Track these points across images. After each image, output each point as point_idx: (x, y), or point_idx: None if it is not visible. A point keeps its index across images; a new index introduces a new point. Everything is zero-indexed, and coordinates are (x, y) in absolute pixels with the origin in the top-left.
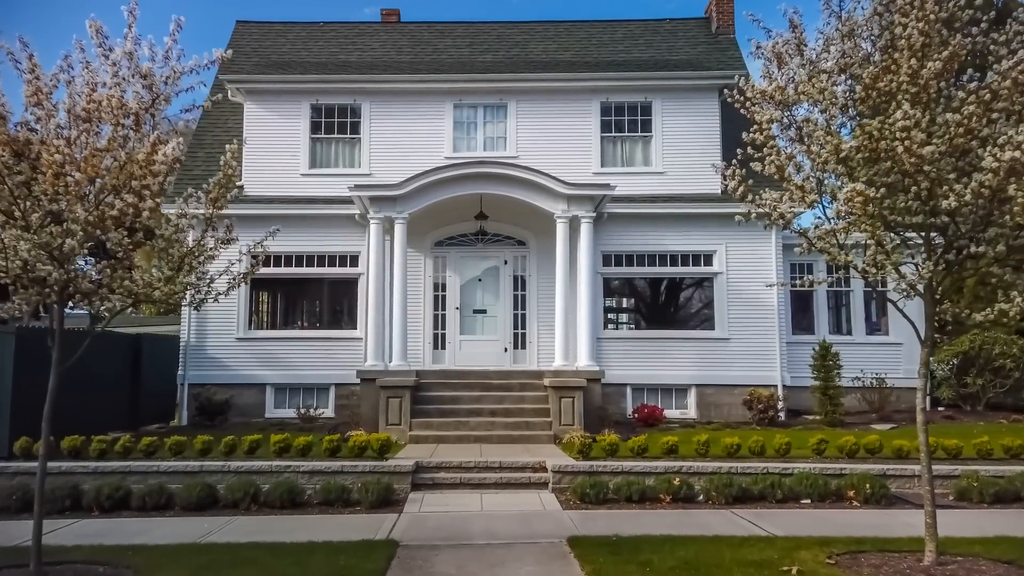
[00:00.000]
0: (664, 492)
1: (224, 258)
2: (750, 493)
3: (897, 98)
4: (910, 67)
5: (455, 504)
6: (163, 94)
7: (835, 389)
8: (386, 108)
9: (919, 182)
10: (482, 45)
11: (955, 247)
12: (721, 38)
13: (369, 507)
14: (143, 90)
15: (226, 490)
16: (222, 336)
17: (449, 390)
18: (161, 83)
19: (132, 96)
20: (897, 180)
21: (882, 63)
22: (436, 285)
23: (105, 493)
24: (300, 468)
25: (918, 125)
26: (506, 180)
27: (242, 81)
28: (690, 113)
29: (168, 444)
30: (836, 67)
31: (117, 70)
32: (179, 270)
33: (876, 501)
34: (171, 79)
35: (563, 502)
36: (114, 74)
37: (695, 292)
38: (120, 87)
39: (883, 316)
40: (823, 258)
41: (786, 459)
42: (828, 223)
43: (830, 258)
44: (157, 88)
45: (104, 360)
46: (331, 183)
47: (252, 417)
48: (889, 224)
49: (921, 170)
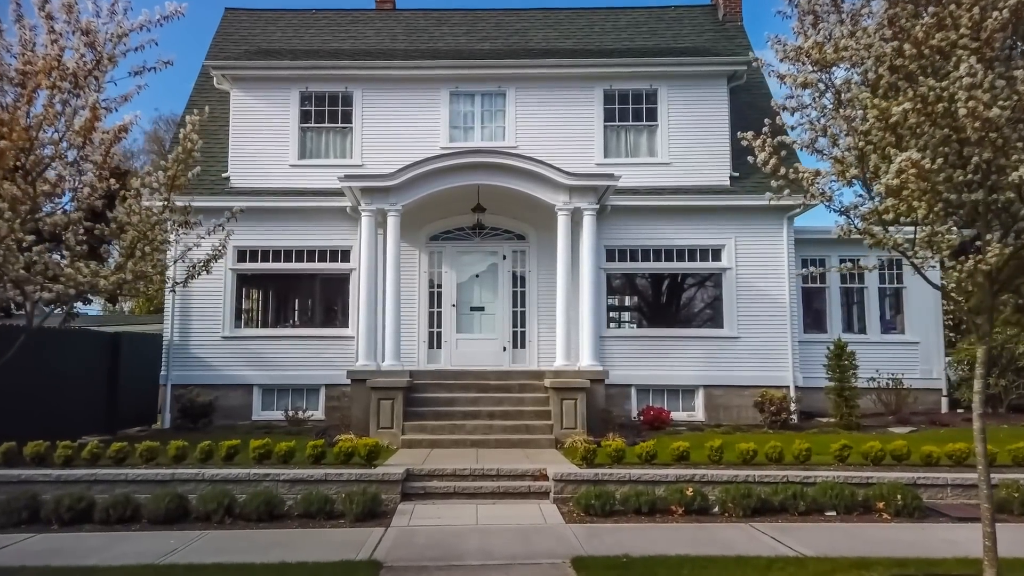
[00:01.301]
0: (676, 503)
1: (201, 248)
2: (770, 504)
3: (958, 54)
4: (971, 17)
5: (448, 516)
6: (108, 54)
7: (851, 390)
8: (379, 96)
9: (981, 152)
10: (480, 33)
11: (1015, 229)
12: (728, 25)
13: (354, 520)
14: (85, 49)
15: (198, 501)
16: (207, 334)
17: (444, 391)
18: (106, 41)
19: (73, 57)
20: (954, 151)
21: (936, 16)
22: (431, 281)
23: (66, 504)
24: (280, 477)
25: (981, 85)
26: (505, 170)
27: (228, 68)
28: (697, 101)
29: (139, 450)
30: (884, 19)
31: (52, 24)
32: (130, 257)
33: (908, 514)
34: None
35: (565, 514)
36: (49, 29)
37: (703, 288)
38: (58, 44)
39: (898, 314)
40: (835, 254)
41: (806, 466)
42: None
43: (874, 242)
44: (101, 47)
45: (78, 359)
46: (321, 174)
47: (238, 419)
48: (947, 203)
49: (986, 137)
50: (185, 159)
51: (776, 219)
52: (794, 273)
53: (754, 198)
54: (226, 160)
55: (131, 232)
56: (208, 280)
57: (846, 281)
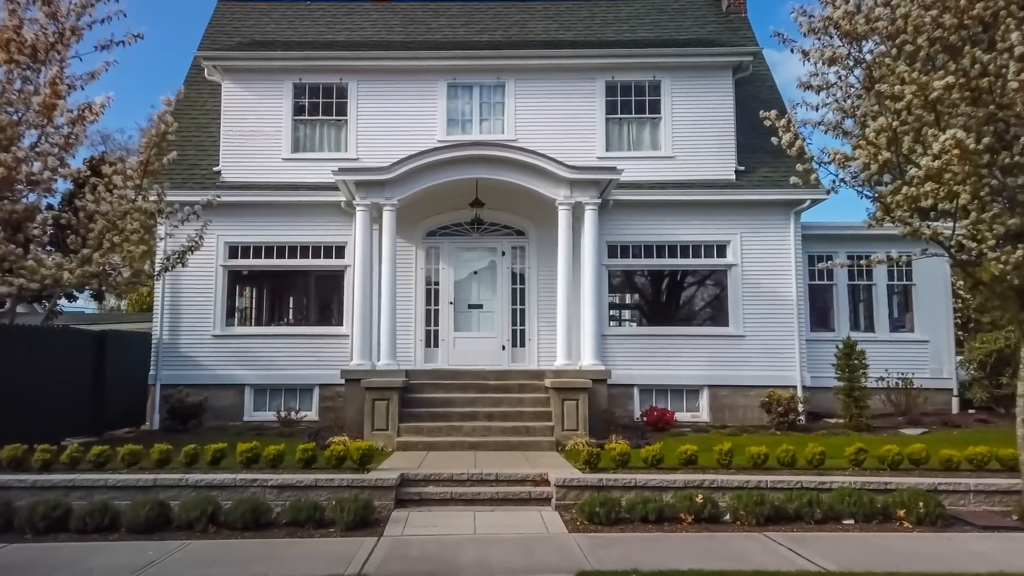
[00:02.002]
0: (685, 511)
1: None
2: (784, 512)
3: (1004, 23)
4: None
5: (444, 525)
6: (71, 26)
7: (861, 390)
8: (375, 88)
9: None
10: (478, 24)
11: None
12: (732, 17)
13: (344, 529)
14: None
15: (181, 509)
16: (197, 333)
17: (442, 391)
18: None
19: (33, 30)
20: (1000, 129)
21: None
22: (428, 278)
23: (40, 512)
24: (268, 482)
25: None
26: (504, 163)
27: (219, 59)
28: (701, 94)
29: (121, 454)
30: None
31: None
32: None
33: (931, 522)
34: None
35: (568, 522)
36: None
37: (707, 286)
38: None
39: (907, 312)
40: (843, 251)
41: (821, 471)
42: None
43: (909, 231)
44: (64, 18)
45: (62, 358)
46: (315, 168)
47: (229, 420)
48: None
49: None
50: (159, 142)
51: (783, 214)
52: (801, 269)
53: (760, 192)
54: (218, 154)
55: (100, 221)
56: (198, 277)
57: (854, 278)
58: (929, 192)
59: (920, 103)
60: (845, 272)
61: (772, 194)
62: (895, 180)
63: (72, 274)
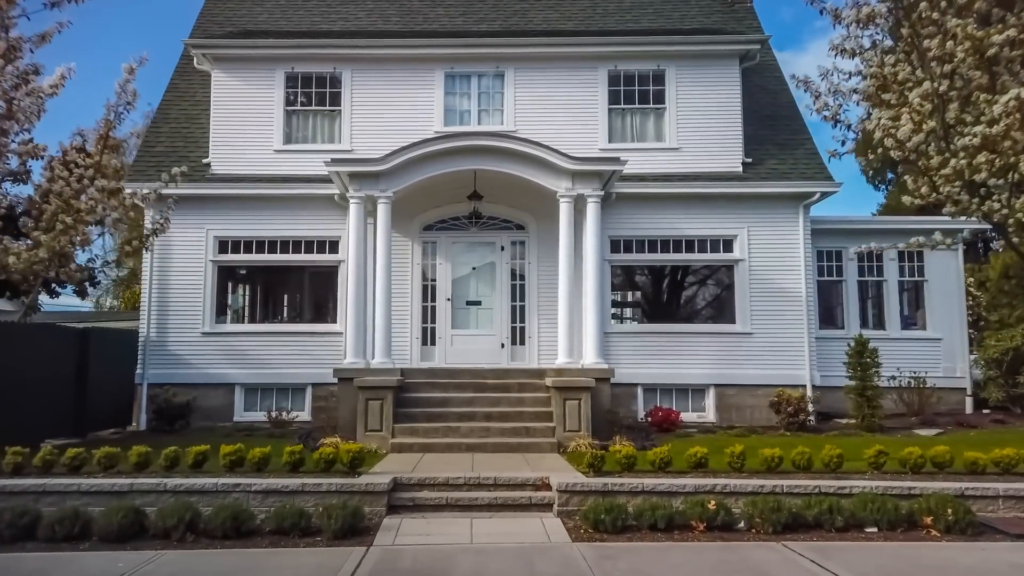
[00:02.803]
0: (696, 518)
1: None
2: (802, 519)
3: None
4: None
5: (439, 533)
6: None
7: (873, 390)
8: (370, 77)
9: None
10: (477, 14)
11: None
12: (737, 7)
13: (332, 537)
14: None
15: (157, 516)
16: (186, 330)
17: (438, 391)
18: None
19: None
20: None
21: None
22: (425, 274)
23: (7, 520)
24: (252, 487)
25: None
26: (503, 154)
27: (209, 47)
28: (707, 83)
29: (97, 457)
30: None
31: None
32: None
33: (960, 530)
34: None
35: (572, 530)
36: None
37: (713, 282)
38: None
39: (919, 309)
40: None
41: (839, 475)
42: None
43: (958, 209)
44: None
45: (42, 356)
46: (308, 160)
47: (218, 421)
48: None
49: None
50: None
51: (791, 207)
52: (811, 264)
53: (768, 185)
54: (207, 146)
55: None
56: (187, 272)
57: (863, 274)
58: (984, 163)
59: (974, 62)
60: (855, 268)
61: (780, 187)
62: (940, 153)
63: (19, 259)
